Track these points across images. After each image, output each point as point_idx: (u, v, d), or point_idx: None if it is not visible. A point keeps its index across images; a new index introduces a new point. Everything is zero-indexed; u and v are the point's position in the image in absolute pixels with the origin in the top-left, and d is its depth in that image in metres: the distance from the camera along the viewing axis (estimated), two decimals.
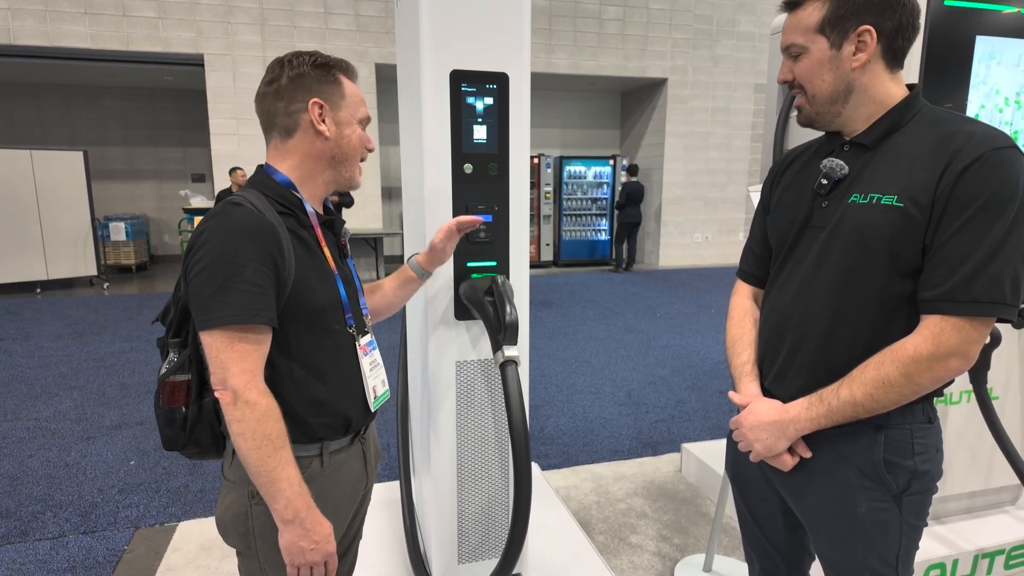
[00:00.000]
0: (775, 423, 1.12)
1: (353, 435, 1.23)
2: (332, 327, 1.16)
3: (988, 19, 1.90)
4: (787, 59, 1.15)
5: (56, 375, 4.66)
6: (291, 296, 1.07)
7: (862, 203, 1.06)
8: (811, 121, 1.16)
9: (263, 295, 1.00)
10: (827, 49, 1.07)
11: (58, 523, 2.64)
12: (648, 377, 4.67)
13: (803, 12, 1.09)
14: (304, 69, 1.12)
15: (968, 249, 0.97)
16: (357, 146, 1.18)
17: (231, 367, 0.98)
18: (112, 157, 10.73)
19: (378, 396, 1.26)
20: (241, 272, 0.98)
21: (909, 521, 1.11)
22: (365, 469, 1.28)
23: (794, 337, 1.15)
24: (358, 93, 1.20)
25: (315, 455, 1.15)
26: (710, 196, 10.85)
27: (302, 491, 1.03)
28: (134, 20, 7.84)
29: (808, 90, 1.12)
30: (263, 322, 1.00)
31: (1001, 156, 0.96)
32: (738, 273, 1.39)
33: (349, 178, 1.20)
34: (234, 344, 0.98)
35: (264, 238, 1.02)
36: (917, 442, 1.09)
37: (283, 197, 1.13)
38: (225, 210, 1.03)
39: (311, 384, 1.12)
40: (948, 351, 0.99)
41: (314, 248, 1.15)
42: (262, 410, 0.99)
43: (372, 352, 1.26)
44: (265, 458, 0.99)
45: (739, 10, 10.40)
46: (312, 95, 1.12)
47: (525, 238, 1.74)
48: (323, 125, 1.13)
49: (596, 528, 2.59)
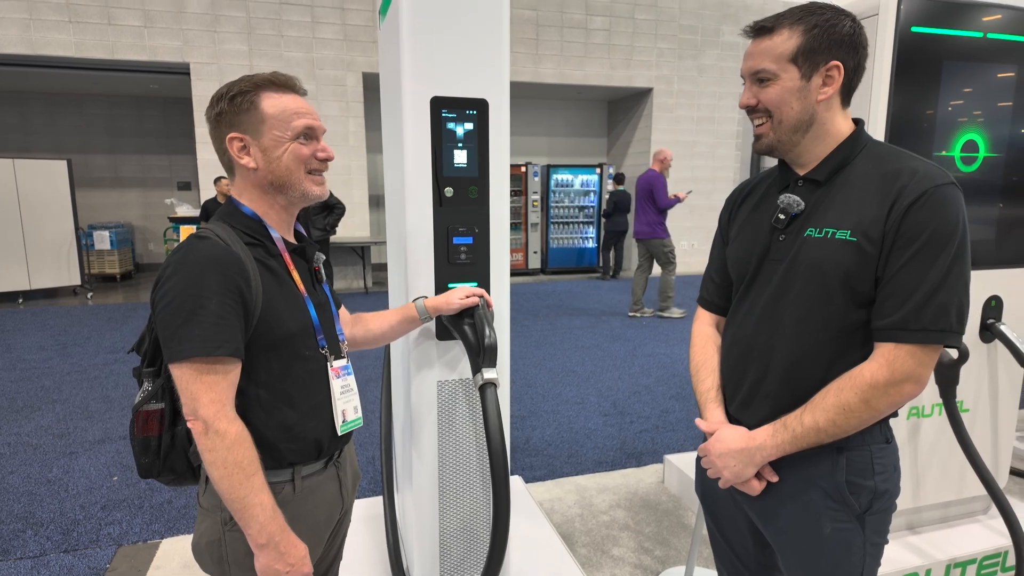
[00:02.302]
0: (742, 451, 1.16)
1: (326, 459, 1.24)
2: (302, 352, 1.17)
3: (955, 44, 1.96)
4: (752, 84, 1.15)
5: (38, 388, 4.61)
6: (259, 324, 1.08)
7: (817, 237, 1.11)
8: (771, 148, 1.17)
9: (228, 327, 1.02)
10: (797, 79, 1.10)
11: (39, 541, 2.62)
12: (633, 386, 4.71)
13: (776, 39, 1.11)
14: (222, 106, 1.12)
15: (916, 281, 1.02)
16: (292, 165, 1.14)
17: (200, 398, 1.01)
18: (97, 165, 10.65)
19: (347, 421, 1.26)
20: (206, 305, 1.00)
21: (871, 539, 1.16)
22: (340, 492, 1.29)
23: (759, 366, 1.19)
24: (291, 106, 1.13)
25: (287, 480, 1.16)
26: (696, 204, 10.95)
27: (275, 515, 1.05)
28: (119, 29, 7.81)
29: (775, 116, 1.13)
30: (228, 354, 1.02)
31: (942, 193, 1.03)
32: (699, 300, 1.42)
33: (301, 195, 1.17)
34: (202, 376, 1.01)
35: (229, 270, 1.04)
36: (877, 462, 1.14)
37: (249, 228, 1.14)
38: (190, 244, 1.05)
39: (280, 410, 1.14)
40: (903, 376, 1.04)
41: (283, 276, 1.16)
42: (232, 439, 1.01)
43: (345, 377, 1.26)
44: (237, 485, 1.01)
45: (723, 20, 10.54)
46: (231, 130, 1.12)
47: (505, 259, 1.77)
48: (246, 158, 1.12)
49: (579, 541, 2.62)
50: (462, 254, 1.69)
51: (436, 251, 1.67)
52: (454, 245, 1.68)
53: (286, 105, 1.13)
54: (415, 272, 1.67)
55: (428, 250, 1.66)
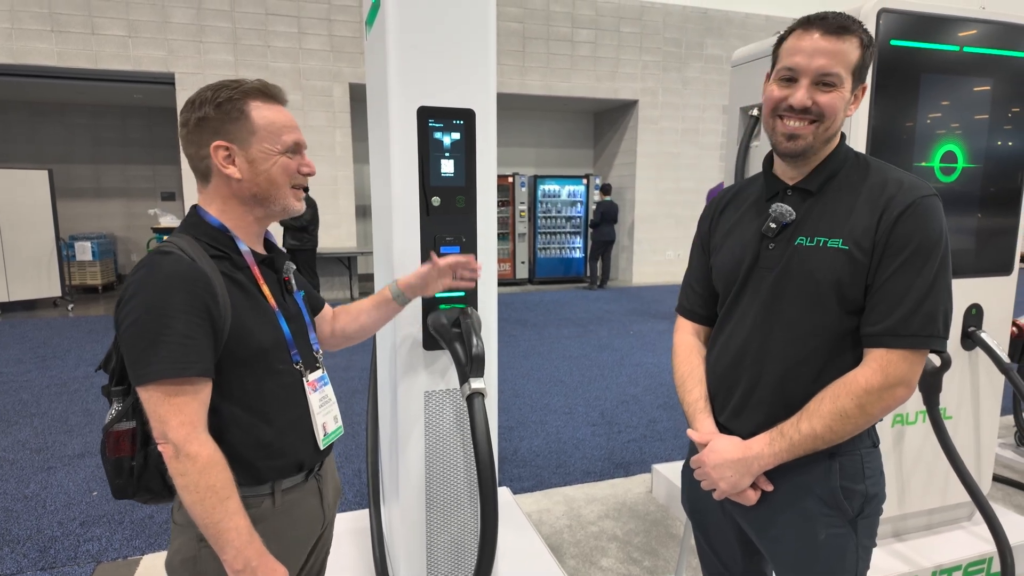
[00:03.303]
0: (739, 460, 1.15)
1: (307, 472, 1.21)
2: (276, 367, 1.13)
3: (932, 58, 2.01)
4: (809, 85, 1.08)
5: (16, 402, 4.52)
6: (229, 341, 1.05)
7: (808, 246, 1.12)
8: (805, 151, 1.11)
9: (195, 346, 0.99)
10: (848, 91, 1.10)
11: (15, 559, 2.55)
12: (621, 396, 4.71)
13: (847, 44, 1.06)
14: (206, 111, 1.08)
15: (905, 288, 1.05)
16: (279, 179, 1.12)
17: (170, 421, 0.97)
18: (79, 175, 10.51)
19: (328, 433, 1.23)
20: (171, 325, 0.97)
21: (863, 543, 1.17)
22: (322, 506, 1.26)
23: (751, 374, 1.19)
24: (279, 119, 1.12)
25: (267, 494, 1.13)
26: (681, 214, 11.06)
27: (251, 539, 1.01)
28: (103, 38, 7.75)
29: (826, 123, 1.09)
30: (196, 374, 0.99)
31: (926, 204, 1.06)
32: (679, 310, 1.41)
33: (282, 209, 1.15)
34: (170, 398, 0.97)
35: (194, 286, 1.00)
36: (867, 466, 1.15)
37: (215, 240, 1.10)
38: (153, 260, 1.01)
39: (256, 427, 1.11)
40: (896, 381, 1.06)
41: (251, 289, 1.12)
42: (203, 462, 0.98)
43: (323, 388, 1.23)
44: (211, 510, 0.98)
45: (706, 34, 10.70)
46: (216, 137, 1.08)
47: (493, 269, 1.77)
48: (231, 168, 1.09)
49: (567, 552, 2.60)
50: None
51: (423, 260, 1.66)
52: (441, 255, 1.68)
53: (276, 118, 1.11)
54: None
55: (415, 259, 1.66)
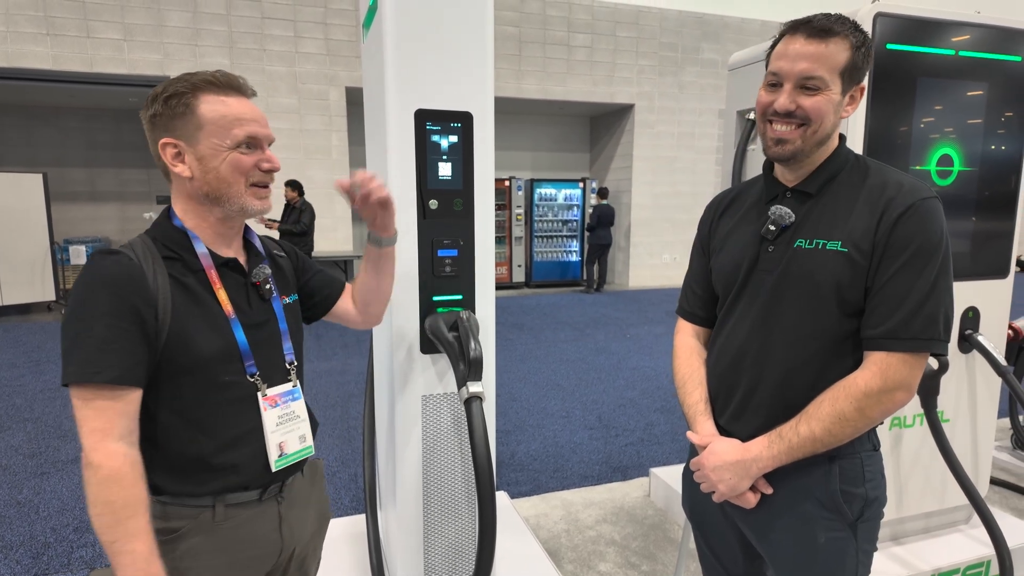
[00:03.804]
0: (738, 463, 1.15)
1: (260, 491, 1.11)
2: (221, 379, 1.06)
3: (928, 62, 2.01)
4: (792, 89, 1.08)
5: (9, 406, 4.48)
6: (166, 348, 1.00)
7: (808, 248, 1.12)
8: (793, 155, 1.11)
9: (114, 351, 0.94)
10: (839, 93, 1.09)
11: (8, 565, 2.52)
12: (618, 399, 4.70)
13: (833, 46, 1.05)
14: (155, 108, 1.02)
15: (905, 291, 1.04)
16: (230, 177, 1.04)
17: (83, 425, 0.93)
18: (73, 179, 10.46)
19: (287, 454, 1.12)
20: (92, 326, 0.94)
21: (863, 547, 1.16)
22: (280, 532, 1.14)
23: (751, 376, 1.19)
24: (232, 112, 1.03)
25: (207, 506, 1.05)
26: (677, 218, 11.08)
27: (148, 566, 0.93)
28: (98, 41, 7.73)
29: (813, 126, 1.08)
30: (105, 381, 0.93)
31: (927, 206, 1.06)
32: (679, 312, 1.41)
33: (239, 210, 1.07)
34: (88, 402, 0.93)
35: (123, 289, 0.96)
36: (867, 469, 1.15)
37: (171, 241, 1.06)
38: (92, 260, 0.98)
39: (194, 440, 1.04)
40: (895, 384, 1.05)
41: (201, 294, 1.06)
42: (104, 474, 0.91)
43: (287, 404, 1.14)
44: (106, 528, 0.91)
45: (702, 39, 10.74)
46: (165, 135, 1.03)
47: (490, 272, 1.76)
48: (180, 166, 1.03)
49: (565, 557, 2.59)
50: (447, 266, 1.68)
51: (420, 263, 1.65)
52: (439, 257, 1.67)
53: (227, 110, 1.03)
54: (399, 285, 1.65)
55: (413, 262, 1.65)
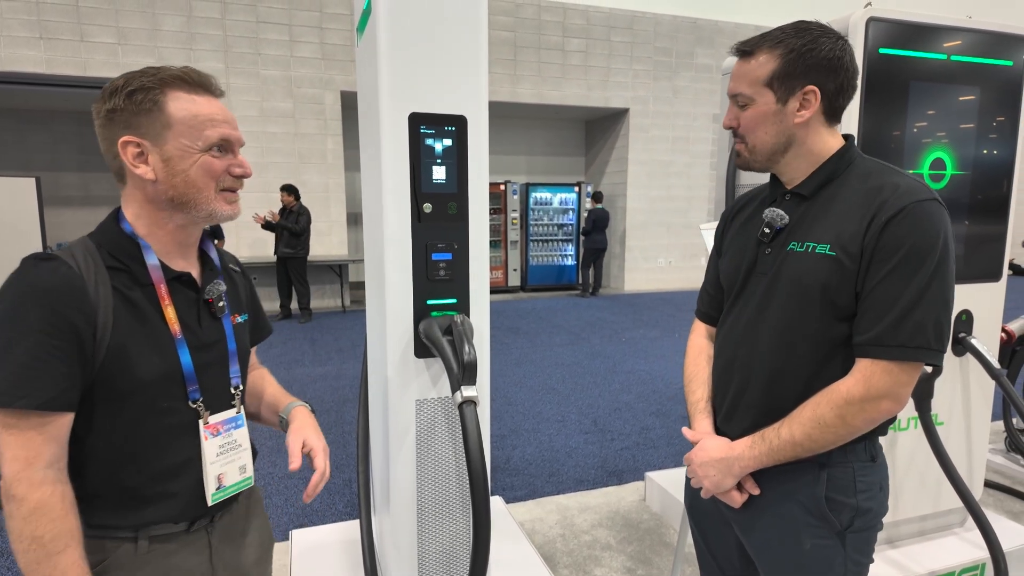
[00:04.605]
0: (721, 460, 1.16)
1: (189, 523, 1.03)
2: (159, 405, 0.97)
3: (920, 66, 2.02)
4: (733, 106, 1.18)
5: None
6: (104, 367, 0.91)
7: (799, 251, 1.11)
8: (747, 165, 1.20)
9: (43, 373, 0.85)
10: (773, 103, 1.10)
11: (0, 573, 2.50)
12: (613, 403, 4.70)
13: (753, 63, 1.11)
14: (115, 102, 0.95)
15: (893, 297, 1.02)
16: (200, 181, 0.97)
17: (4, 453, 0.85)
18: (67, 183, 10.42)
19: (225, 487, 1.04)
20: (20, 343, 0.85)
21: (853, 558, 1.14)
22: (211, 565, 1.06)
23: (740, 378, 1.19)
24: (204, 111, 0.97)
25: (128, 538, 0.97)
26: (672, 222, 11.10)
27: None
28: (92, 45, 7.71)
29: (749, 141, 1.15)
30: (29, 407, 0.84)
31: (922, 208, 1.02)
32: (696, 312, 1.44)
33: (207, 215, 1.00)
34: (9, 428, 0.85)
35: (58, 302, 0.86)
36: (859, 480, 1.13)
37: (118, 249, 0.96)
38: (25, 267, 0.89)
39: (122, 470, 0.95)
40: (879, 393, 1.03)
41: (147, 310, 0.96)
42: (30, 507, 0.84)
43: (230, 432, 1.06)
44: (34, 564, 0.84)
45: (697, 43, 10.79)
46: (126, 132, 0.95)
47: (485, 276, 1.76)
48: (143, 167, 0.95)
49: (561, 562, 2.58)
50: (441, 270, 1.68)
51: (415, 267, 1.65)
52: (433, 261, 1.66)
53: (199, 110, 0.96)
54: (393, 289, 1.65)
55: (407, 266, 1.64)
